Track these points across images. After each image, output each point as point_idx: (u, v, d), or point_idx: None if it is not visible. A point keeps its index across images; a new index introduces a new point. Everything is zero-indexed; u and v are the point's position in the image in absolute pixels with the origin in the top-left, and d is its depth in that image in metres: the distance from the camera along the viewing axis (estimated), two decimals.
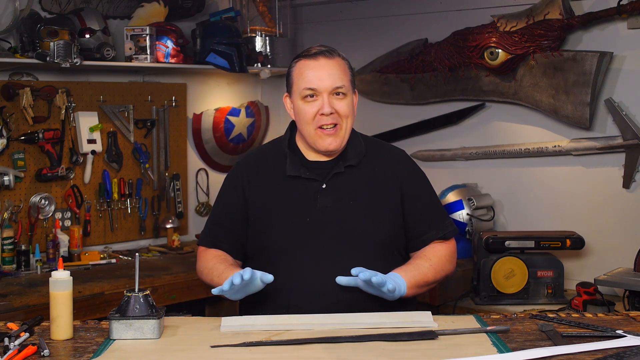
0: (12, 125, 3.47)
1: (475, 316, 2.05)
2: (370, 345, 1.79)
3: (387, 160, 2.28)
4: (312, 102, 2.16)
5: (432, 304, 3.34)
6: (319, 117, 2.16)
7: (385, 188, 2.23)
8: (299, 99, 2.18)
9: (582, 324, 1.95)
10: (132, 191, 3.95)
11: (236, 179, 2.28)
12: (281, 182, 2.22)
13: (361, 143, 2.28)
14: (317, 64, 2.17)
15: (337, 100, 2.17)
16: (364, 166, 2.24)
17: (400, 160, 2.31)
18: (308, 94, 2.16)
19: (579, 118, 3.43)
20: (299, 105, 2.19)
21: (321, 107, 2.15)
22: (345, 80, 2.18)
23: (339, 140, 2.18)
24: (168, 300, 3.20)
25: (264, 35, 4.25)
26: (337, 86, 2.16)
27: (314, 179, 2.20)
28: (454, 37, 3.80)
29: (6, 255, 3.35)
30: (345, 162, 2.22)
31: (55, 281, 1.84)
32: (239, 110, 4.40)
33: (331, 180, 2.20)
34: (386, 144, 2.39)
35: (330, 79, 2.16)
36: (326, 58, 2.18)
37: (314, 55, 2.18)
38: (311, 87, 2.16)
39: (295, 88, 2.20)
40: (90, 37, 3.59)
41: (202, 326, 1.96)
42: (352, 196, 2.20)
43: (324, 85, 2.15)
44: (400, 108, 4.15)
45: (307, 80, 2.16)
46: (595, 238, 3.44)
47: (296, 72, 2.20)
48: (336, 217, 2.17)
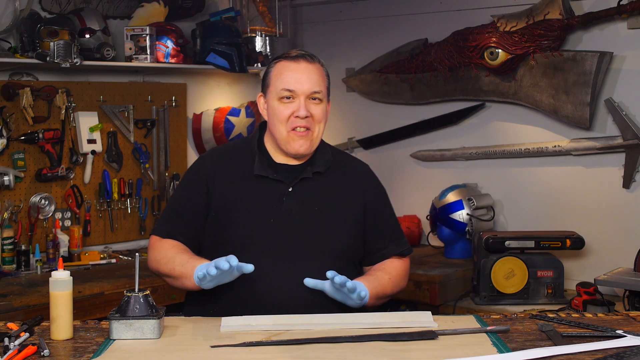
0: (12, 125, 3.47)
1: (475, 316, 2.05)
2: (370, 345, 1.79)
3: (352, 173, 2.31)
4: (288, 104, 2.17)
5: (432, 304, 3.34)
6: (293, 119, 2.16)
7: (349, 199, 2.25)
8: (275, 99, 2.18)
9: (582, 324, 1.95)
10: (132, 191, 3.95)
11: (200, 172, 2.26)
12: (247, 181, 2.21)
13: (329, 152, 2.29)
14: (298, 67, 2.17)
15: (313, 105, 2.17)
16: (330, 175, 2.25)
17: (365, 175, 2.34)
18: (285, 95, 2.16)
19: (579, 118, 3.43)
20: (274, 105, 2.19)
21: (297, 110, 2.15)
22: (322, 87, 2.19)
23: (309, 143, 2.18)
24: (168, 300, 3.20)
25: (264, 35, 4.25)
26: (314, 90, 2.17)
27: (281, 181, 2.20)
28: (454, 37, 3.80)
29: (6, 255, 3.34)
30: (314, 168, 2.23)
31: (55, 281, 1.84)
32: (239, 110, 4.40)
33: (298, 185, 2.21)
34: (352, 157, 2.43)
35: (309, 83, 2.16)
36: (307, 62, 2.18)
37: (295, 58, 2.19)
38: (289, 89, 2.16)
39: (272, 88, 2.20)
40: (90, 37, 3.59)
41: (202, 326, 1.96)
42: (317, 203, 2.20)
43: (302, 88, 2.16)
44: (400, 108, 4.15)
45: (286, 81, 2.16)
46: (595, 238, 3.44)
47: (275, 73, 2.20)
48: (300, 221, 2.17)
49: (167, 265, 2.16)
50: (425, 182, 4.05)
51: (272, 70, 2.21)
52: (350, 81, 4.29)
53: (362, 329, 1.90)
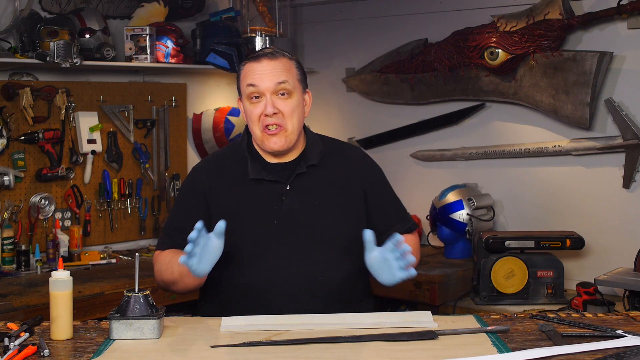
0: (12, 125, 3.47)
1: (475, 316, 2.05)
2: (370, 345, 1.79)
3: (347, 159, 2.30)
4: (256, 103, 2.17)
5: (432, 304, 3.34)
6: (263, 117, 2.16)
7: (348, 186, 2.25)
8: (245, 100, 2.20)
9: (582, 324, 1.95)
10: (132, 191, 3.95)
11: (195, 184, 2.25)
12: (244, 186, 2.20)
13: (319, 142, 2.29)
14: (259, 65, 2.17)
15: (281, 101, 2.17)
16: (325, 165, 2.25)
17: (360, 159, 2.34)
18: (252, 91, 2.16)
19: (579, 118, 3.43)
20: (245, 107, 2.20)
21: (264, 108, 2.15)
22: (289, 78, 2.17)
23: (282, 140, 2.17)
24: (168, 300, 3.19)
25: (264, 35, 4.25)
26: (278, 81, 2.15)
27: (277, 181, 2.20)
28: (454, 37, 3.80)
29: (6, 255, 3.35)
30: (307, 162, 2.22)
31: (55, 281, 1.84)
32: (239, 110, 4.39)
33: (295, 181, 2.20)
34: (344, 143, 2.42)
35: (272, 77, 2.16)
36: (268, 59, 2.18)
37: (257, 58, 2.19)
38: (252, 84, 2.16)
39: (241, 90, 2.21)
40: (90, 37, 3.60)
41: (202, 326, 1.96)
42: (316, 196, 2.20)
43: (264, 85, 2.15)
44: (400, 108, 4.15)
45: (249, 80, 2.17)
46: (595, 238, 3.44)
47: (242, 75, 2.21)
48: (303, 217, 2.17)
49: (167, 272, 2.16)
50: (425, 182, 4.05)
51: (240, 72, 2.23)
52: (350, 81, 4.29)
53: (362, 329, 1.90)
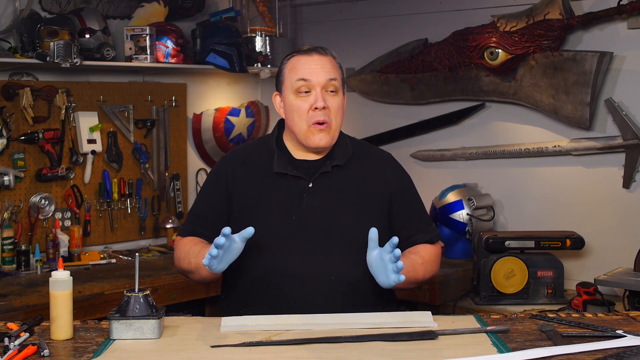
0: (12, 125, 3.47)
1: (475, 316, 2.05)
2: (370, 345, 1.79)
3: (375, 163, 2.30)
4: (305, 97, 2.17)
5: (432, 304, 3.34)
6: (312, 112, 2.16)
7: (373, 190, 2.25)
8: (291, 94, 2.19)
9: (582, 324, 1.95)
10: (132, 191, 3.95)
11: (220, 173, 2.28)
12: (267, 179, 2.21)
13: (348, 144, 2.29)
14: (311, 59, 2.19)
15: (330, 96, 2.18)
16: (351, 167, 2.25)
17: (389, 164, 2.33)
18: (301, 85, 2.16)
19: (579, 118, 3.43)
20: (291, 101, 2.19)
21: (314, 101, 2.15)
22: (337, 76, 2.20)
23: (329, 137, 2.19)
24: (168, 300, 3.20)
25: (264, 35, 4.25)
26: (330, 78, 2.17)
27: (300, 177, 2.20)
28: (454, 37, 3.80)
29: (6, 255, 3.35)
30: (333, 162, 2.23)
31: (55, 281, 1.84)
32: (239, 110, 4.40)
33: (318, 179, 2.21)
34: (374, 147, 2.42)
35: (324, 72, 2.17)
36: (319, 54, 2.20)
37: (307, 51, 2.21)
38: (304, 78, 2.16)
39: (287, 83, 2.20)
40: (90, 37, 3.60)
41: (202, 326, 1.96)
42: (338, 196, 2.20)
43: (317, 79, 2.16)
44: (400, 108, 4.15)
45: (300, 73, 2.17)
46: (595, 238, 3.44)
47: (288, 68, 2.21)
48: (321, 217, 2.17)
49: (185, 261, 2.19)
50: (425, 182, 4.04)
51: (285, 66, 2.22)
52: (350, 81, 4.29)
53: (362, 329, 1.90)
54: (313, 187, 2.20)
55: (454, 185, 3.78)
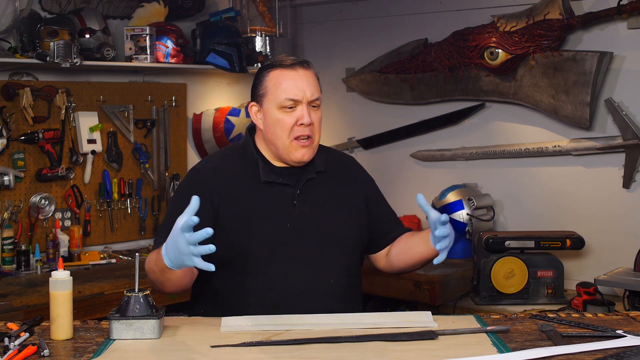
0: (12, 125, 3.47)
1: (475, 316, 2.05)
2: (370, 345, 1.79)
3: (346, 166, 2.36)
4: (290, 113, 2.15)
5: (432, 304, 3.34)
6: (296, 127, 2.15)
7: (352, 192, 2.30)
8: (275, 109, 2.16)
9: (582, 324, 1.95)
10: (132, 191, 3.95)
11: (200, 185, 2.17)
12: (256, 188, 2.19)
13: (322, 150, 2.31)
14: (297, 74, 2.16)
15: (313, 112, 2.18)
16: (329, 172, 2.28)
17: (356, 166, 2.41)
18: (289, 104, 2.15)
19: (579, 118, 3.43)
20: (275, 115, 2.16)
21: (300, 117, 2.14)
22: (319, 89, 2.21)
23: (311, 151, 2.20)
24: (168, 300, 3.19)
25: (264, 35, 4.25)
26: (315, 97, 2.18)
27: (288, 185, 2.20)
28: (454, 37, 3.80)
29: (6, 255, 3.35)
30: (315, 168, 2.24)
31: (55, 281, 1.84)
32: (239, 110, 4.40)
33: (304, 186, 2.22)
34: (339, 152, 2.46)
35: (310, 89, 2.16)
36: (304, 69, 2.18)
37: (292, 66, 2.17)
38: (293, 98, 2.14)
39: (270, 97, 2.17)
40: (90, 37, 3.59)
41: (202, 326, 1.96)
42: (325, 201, 2.23)
43: (304, 94, 2.15)
44: (400, 108, 4.15)
45: (289, 90, 2.14)
46: (595, 238, 3.44)
47: (272, 82, 2.17)
48: (314, 221, 2.19)
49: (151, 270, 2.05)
50: (425, 182, 4.05)
51: (267, 78, 2.18)
52: (350, 81, 4.29)
53: (362, 329, 1.90)
54: (301, 193, 2.20)
55: (454, 185, 3.78)
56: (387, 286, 3.50)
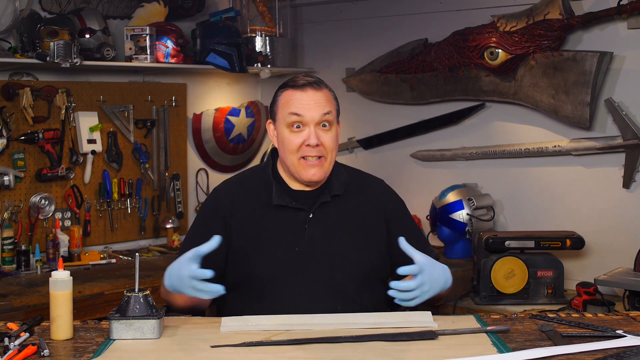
0: (12, 125, 3.47)
1: (475, 316, 2.05)
2: (370, 345, 1.79)
3: (370, 190, 2.29)
4: (298, 133, 2.13)
5: (432, 304, 3.34)
6: (304, 147, 2.13)
7: (371, 217, 2.24)
8: (284, 127, 2.15)
9: (582, 324, 1.95)
10: (132, 191, 3.95)
11: (216, 207, 2.22)
12: (267, 211, 2.18)
13: (344, 173, 2.27)
14: (305, 95, 2.14)
15: (323, 132, 2.14)
16: (348, 195, 2.23)
17: (382, 190, 2.33)
18: (294, 120, 2.13)
19: (579, 118, 3.43)
20: (284, 134, 2.15)
21: (307, 138, 2.12)
22: (332, 109, 2.16)
23: (322, 171, 2.16)
24: None
25: (264, 35, 4.25)
26: (324, 113, 2.13)
27: (300, 209, 2.18)
28: (454, 37, 3.80)
29: (6, 255, 3.34)
30: (332, 192, 2.21)
31: (55, 281, 1.84)
32: (239, 110, 4.40)
33: (318, 210, 2.19)
34: (366, 174, 2.39)
35: (317, 108, 2.13)
36: (314, 90, 2.15)
37: (302, 87, 2.15)
38: (297, 113, 2.12)
39: (280, 116, 2.17)
40: (90, 37, 3.59)
41: (202, 326, 1.96)
42: (339, 226, 2.19)
43: (310, 115, 2.12)
44: (400, 108, 4.15)
45: (294, 107, 2.13)
46: (595, 238, 3.44)
47: (282, 101, 2.17)
48: (324, 247, 2.16)
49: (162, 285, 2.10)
50: (425, 182, 4.05)
51: (279, 98, 2.18)
52: (350, 81, 4.29)
53: (362, 329, 1.90)
54: (314, 217, 2.18)
55: (454, 185, 3.78)
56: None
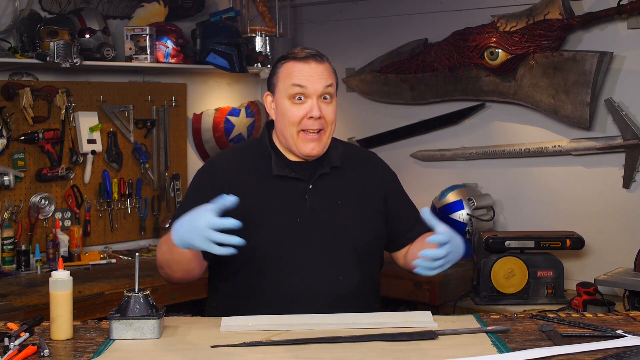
0: (12, 125, 3.47)
1: (475, 316, 2.05)
2: (370, 345, 1.79)
3: (366, 162, 2.30)
4: (299, 105, 2.12)
5: (432, 304, 3.34)
6: (305, 120, 2.12)
7: (369, 189, 2.25)
8: (284, 99, 2.14)
9: (582, 324, 1.95)
10: (132, 191, 3.95)
11: (213, 178, 2.19)
12: (267, 182, 2.18)
13: (340, 145, 2.28)
14: (308, 67, 2.13)
15: (325, 105, 2.14)
16: (346, 168, 2.24)
17: (378, 163, 2.35)
18: (297, 92, 2.11)
19: (579, 118, 3.43)
20: (285, 106, 2.14)
21: (310, 110, 2.11)
22: (333, 81, 2.16)
23: (321, 145, 2.15)
24: (168, 300, 3.20)
25: (264, 35, 4.26)
26: (326, 85, 2.13)
27: (300, 179, 2.18)
28: (454, 37, 3.80)
29: (6, 255, 3.35)
30: (330, 163, 2.21)
31: (55, 281, 1.84)
32: (239, 110, 4.40)
33: (317, 181, 2.19)
34: (360, 147, 2.44)
35: (321, 80, 2.12)
36: (316, 62, 2.14)
37: (305, 58, 2.14)
38: (301, 84, 2.11)
39: (281, 86, 2.15)
40: (90, 37, 3.60)
41: (202, 326, 1.96)
42: (338, 197, 2.19)
43: (314, 87, 2.12)
44: (400, 108, 4.15)
45: (296, 79, 2.12)
46: (595, 238, 3.44)
47: (284, 72, 2.15)
48: (325, 217, 2.16)
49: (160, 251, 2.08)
50: (425, 182, 4.05)
51: (280, 70, 2.16)
52: (350, 81, 4.29)
53: (362, 329, 1.90)
54: (313, 188, 2.18)
55: (454, 185, 3.78)
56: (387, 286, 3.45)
